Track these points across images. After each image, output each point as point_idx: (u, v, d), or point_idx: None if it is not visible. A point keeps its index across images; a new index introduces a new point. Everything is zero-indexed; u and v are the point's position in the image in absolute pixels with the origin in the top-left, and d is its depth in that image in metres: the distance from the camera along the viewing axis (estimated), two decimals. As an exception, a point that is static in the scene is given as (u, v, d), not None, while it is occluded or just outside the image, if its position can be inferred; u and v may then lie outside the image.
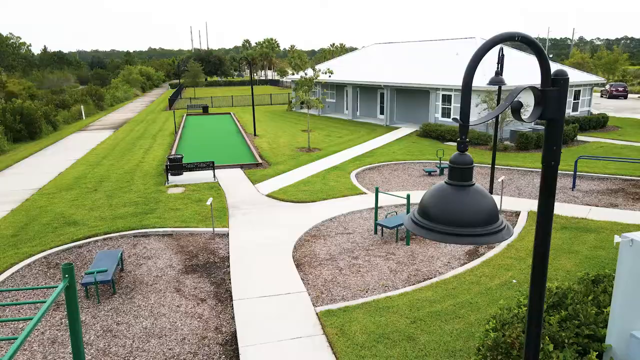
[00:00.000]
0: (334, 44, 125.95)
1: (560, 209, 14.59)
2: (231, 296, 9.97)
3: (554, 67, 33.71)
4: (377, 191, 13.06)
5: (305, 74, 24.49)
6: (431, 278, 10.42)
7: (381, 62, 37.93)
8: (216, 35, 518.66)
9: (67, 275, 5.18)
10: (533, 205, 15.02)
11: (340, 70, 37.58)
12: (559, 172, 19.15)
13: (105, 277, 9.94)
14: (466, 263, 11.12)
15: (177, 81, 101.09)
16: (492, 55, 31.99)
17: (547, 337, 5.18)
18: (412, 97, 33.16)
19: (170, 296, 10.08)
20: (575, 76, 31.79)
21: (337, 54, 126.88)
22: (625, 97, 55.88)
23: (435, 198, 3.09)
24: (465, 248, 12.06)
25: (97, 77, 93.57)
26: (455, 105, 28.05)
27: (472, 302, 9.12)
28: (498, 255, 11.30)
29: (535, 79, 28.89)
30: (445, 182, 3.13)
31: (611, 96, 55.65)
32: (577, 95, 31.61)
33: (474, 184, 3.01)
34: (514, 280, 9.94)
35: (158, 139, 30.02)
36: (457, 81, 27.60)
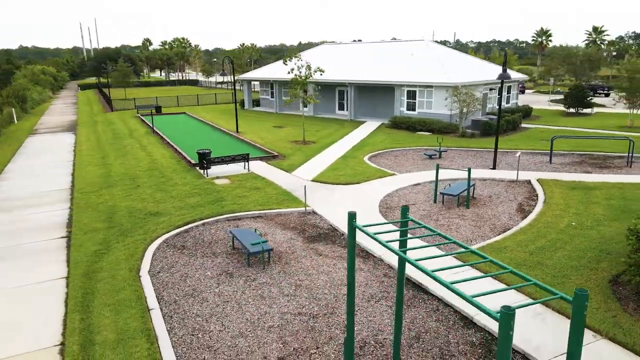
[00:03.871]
0: (243, 44, 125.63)
1: (558, 176, 18.55)
2: (370, 254, 12.04)
3: (495, 68, 38.23)
4: (437, 167, 15.82)
5: (300, 72, 26.38)
6: (510, 228, 13.41)
7: (337, 62, 40.69)
8: (101, 33, 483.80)
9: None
10: (534, 175, 18.79)
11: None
12: (532, 151, 23.43)
13: (268, 246, 11.45)
14: (526, 217, 14.30)
15: (82, 81, 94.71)
16: (451, 58, 36.19)
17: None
18: (373, 93, 36.44)
19: (321, 259, 11.87)
20: (512, 74, 37.42)
21: (248, 54, 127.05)
22: (523, 92, 65.13)
23: None
24: (514, 207, 15.29)
25: None
26: (419, 100, 31.78)
27: (559, 239, 12.25)
28: (546, 209, 14.64)
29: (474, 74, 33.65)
30: None
31: (513, 91, 64.49)
32: (509, 90, 37.29)
33: None
34: (573, 223, 13.29)
35: (141, 139, 29.79)
36: (420, 78, 31.34)
